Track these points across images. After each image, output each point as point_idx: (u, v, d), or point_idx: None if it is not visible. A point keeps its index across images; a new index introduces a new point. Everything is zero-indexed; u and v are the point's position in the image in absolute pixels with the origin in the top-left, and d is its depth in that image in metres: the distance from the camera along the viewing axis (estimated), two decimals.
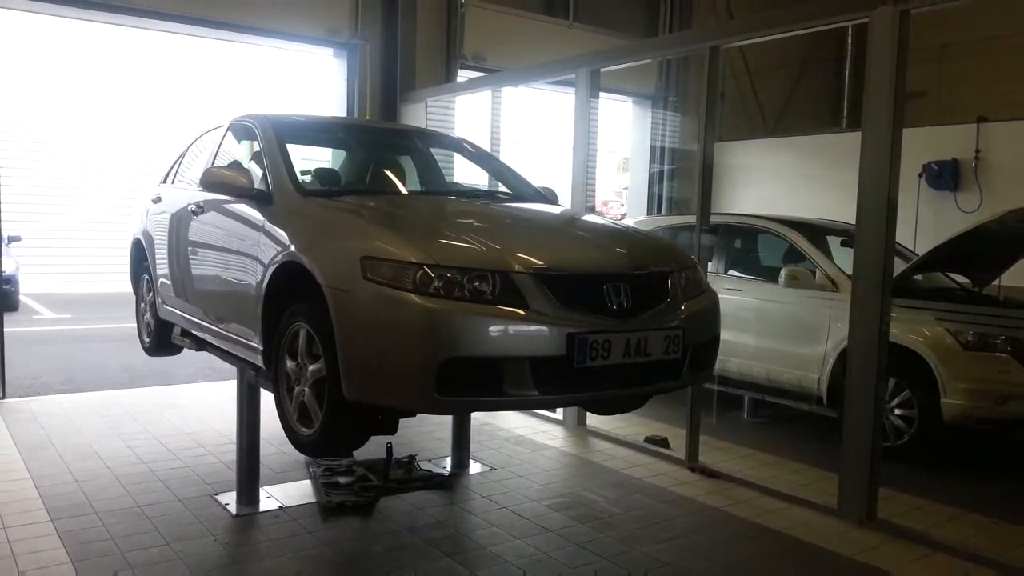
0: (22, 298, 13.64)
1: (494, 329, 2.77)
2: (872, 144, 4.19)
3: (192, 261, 4.43)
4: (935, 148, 8.74)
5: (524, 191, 4.47)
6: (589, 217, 4.35)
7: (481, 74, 8.75)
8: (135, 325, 5.91)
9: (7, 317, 7.00)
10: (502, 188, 4.68)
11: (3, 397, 6.54)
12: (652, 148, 10.85)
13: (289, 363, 3.33)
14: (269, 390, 3.64)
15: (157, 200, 5.21)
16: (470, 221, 3.57)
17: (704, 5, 10.77)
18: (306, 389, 3.22)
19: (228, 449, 5.07)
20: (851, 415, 4.31)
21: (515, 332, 2.79)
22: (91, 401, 6.63)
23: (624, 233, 3.85)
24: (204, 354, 4.80)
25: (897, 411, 5.62)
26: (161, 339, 5.31)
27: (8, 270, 10.48)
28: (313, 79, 8.92)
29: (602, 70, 6.03)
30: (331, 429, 3.12)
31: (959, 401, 5.28)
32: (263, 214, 3.61)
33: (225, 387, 7.11)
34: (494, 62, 8.96)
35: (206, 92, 15.54)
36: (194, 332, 4.58)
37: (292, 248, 3.26)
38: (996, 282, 6.31)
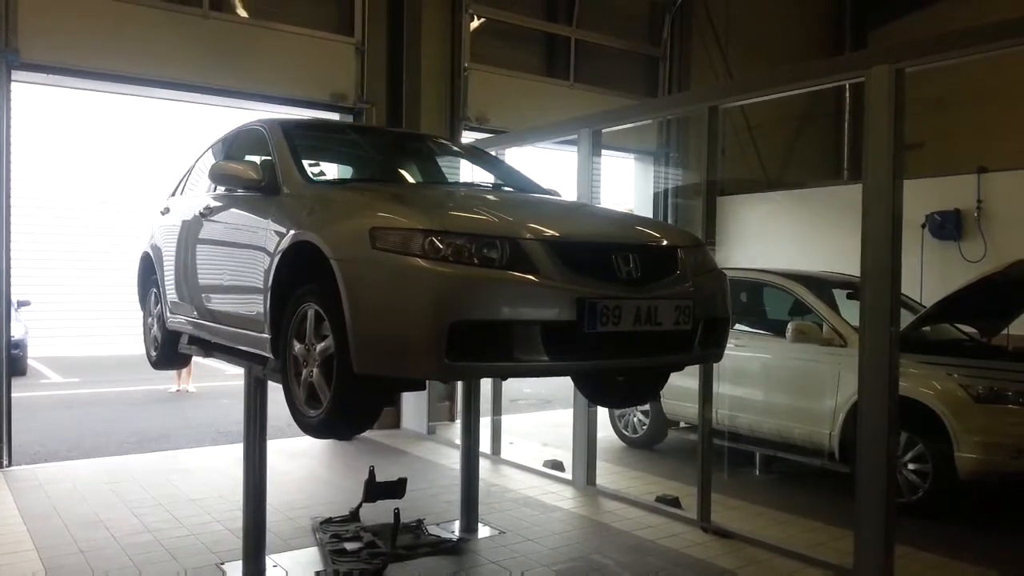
0: (30, 362, 13.69)
1: (503, 293, 2.78)
2: (873, 196, 4.22)
3: (200, 262, 4.44)
4: (937, 198, 8.79)
5: (532, 188, 4.48)
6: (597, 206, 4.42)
7: (485, 135, 8.88)
8: (142, 388, 5.90)
9: (15, 382, 7.00)
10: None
11: (9, 465, 6.51)
12: (655, 202, 10.94)
13: (297, 346, 3.32)
14: (277, 381, 3.61)
15: (166, 211, 5.25)
16: (479, 201, 3.62)
17: (703, 63, 10.96)
18: (314, 370, 3.20)
19: (233, 516, 5.01)
20: (863, 470, 4.25)
21: (524, 297, 2.81)
22: (97, 468, 6.59)
23: (632, 214, 4.00)
24: (209, 418, 4.79)
25: (911, 466, 5.55)
26: (168, 352, 5.28)
27: (17, 335, 10.51)
28: None
29: (604, 130, 6.13)
30: (340, 406, 3.10)
31: (973, 455, 5.21)
32: (271, 203, 3.64)
33: (230, 451, 7.08)
34: (497, 122, 9.10)
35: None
36: (201, 335, 4.56)
37: (300, 228, 3.27)
38: (1004, 332, 6.29)
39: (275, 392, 4.13)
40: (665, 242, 3.35)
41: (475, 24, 9.18)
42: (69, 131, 17.22)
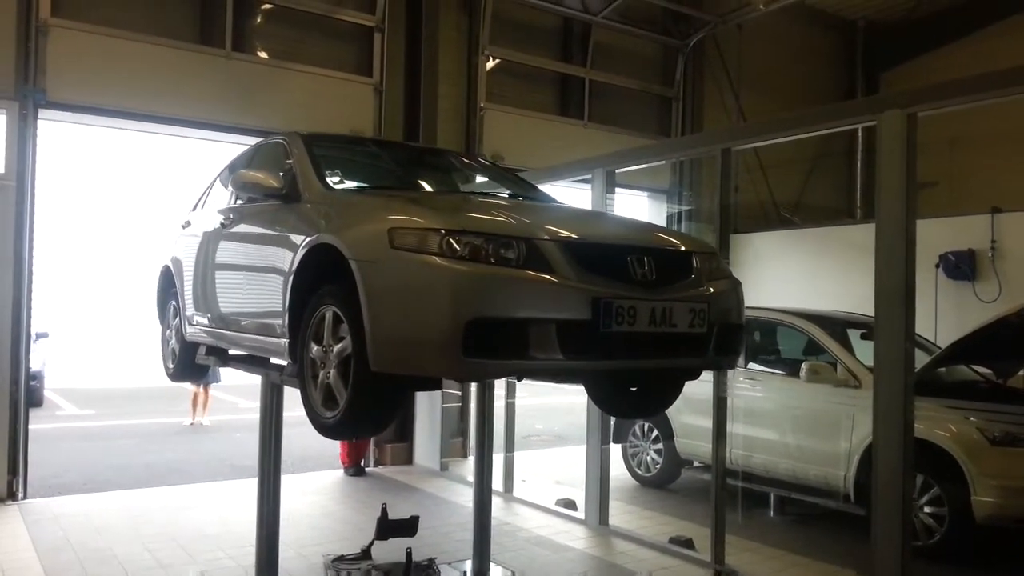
0: (47, 393, 13.77)
1: (519, 292, 2.82)
2: (886, 237, 4.25)
3: (220, 271, 4.49)
4: (951, 238, 8.78)
5: (547, 200, 4.51)
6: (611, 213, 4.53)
7: None
8: (157, 420, 5.94)
9: (31, 413, 7.05)
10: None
11: (24, 497, 6.55)
12: None
13: (314, 348, 3.35)
14: (294, 386, 3.64)
15: (186, 225, 5.33)
16: (496, 206, 3.69)
17: (715, 103, 11.06)
18: (331, 371, 3.23)
19: (246, 552, 5.00)
20: (879, 513, 4.22)
21: (540, 295, 2.84)
22: (112, 501, 6.62)
23: (647, 222, 4.06)
24: (223, 452, 4.81)
25: (927, 509, 5.49)
26: (185, 363, 5.30)
27: (34, 366, 10.60)
28: None
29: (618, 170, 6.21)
30: (356, 406, 3.12)
31: (990, 498, 5.16)
32: (292, 211, 3.71)
33: (243, 486, 7.08)
34: (512, 161, 9.19)
35: None
36: (220, 345, 4.60)
37: (320, 232, 3.32)
38: (1021, 373, 6.24)
39: (288, 427, 4.18)
40: (681, 247, 3.40)
41: (491, 65, 9.35)
42: (88, 166, 17.54)
